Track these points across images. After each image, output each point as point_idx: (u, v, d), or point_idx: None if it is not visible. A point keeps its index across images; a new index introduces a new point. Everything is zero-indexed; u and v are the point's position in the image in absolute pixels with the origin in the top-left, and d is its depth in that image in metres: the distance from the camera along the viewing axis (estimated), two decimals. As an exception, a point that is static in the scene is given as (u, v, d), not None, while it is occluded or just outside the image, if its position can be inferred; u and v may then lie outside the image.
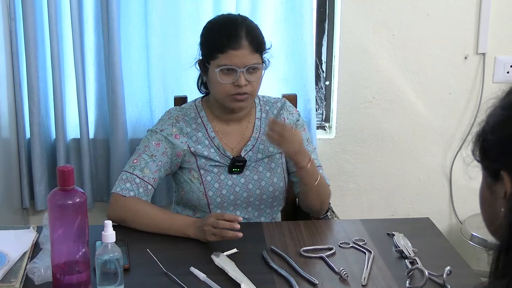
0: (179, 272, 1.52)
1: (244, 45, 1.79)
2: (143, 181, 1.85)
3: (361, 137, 2.67)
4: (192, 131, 1.92)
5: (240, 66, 1.80)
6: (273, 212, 2.01)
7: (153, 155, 1.88)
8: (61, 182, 1.36)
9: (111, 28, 2.32)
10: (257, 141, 1.96)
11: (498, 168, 0.90)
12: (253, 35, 1.82)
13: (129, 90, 2.46)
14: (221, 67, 1.80)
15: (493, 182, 0.92)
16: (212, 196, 1.90)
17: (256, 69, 1.83)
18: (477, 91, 2.64)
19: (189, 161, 1.91)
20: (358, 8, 2.53)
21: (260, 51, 1.84)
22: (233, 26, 1.82)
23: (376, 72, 2.60)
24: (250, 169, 1.94)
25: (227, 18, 1.89)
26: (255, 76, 1.83)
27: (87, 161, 2.46)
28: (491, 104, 0.93)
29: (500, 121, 0.91)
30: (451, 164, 2.71)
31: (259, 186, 1.94)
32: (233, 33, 1.80)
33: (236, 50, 1.79)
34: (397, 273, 1.55)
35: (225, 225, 1.64)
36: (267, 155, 1.96)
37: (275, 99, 2.05)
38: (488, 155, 0.92)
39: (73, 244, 1.38)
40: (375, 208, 2.75)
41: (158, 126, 1.93)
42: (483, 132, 0.93)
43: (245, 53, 1.80)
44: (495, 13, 2.56)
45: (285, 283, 1.50)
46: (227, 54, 1.79)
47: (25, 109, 2.43)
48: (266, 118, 1.98)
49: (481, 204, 0.97)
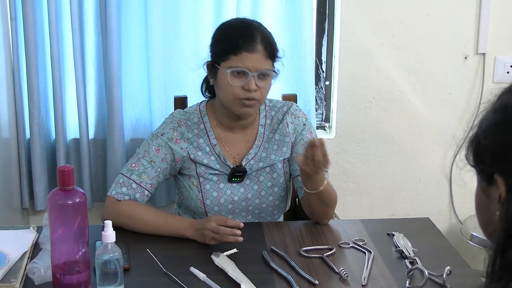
0: (179, 272, 1.52)
1: (259, 49, 1.76)
2: (140, 187, 1.82)
3: (361, 137, 2.67)
4: (193, 137, 1.88)
5: (252, 70, 1.76)
6: (274, 220, 1.97)
7: (152, 160, 1.84)
8: (61, 182, 1.35)
9: (109, 28, 2.32)
10: (259, 149, 1.91)
11: (492, 172, 0.90)
12: (268, 41, 1.80)
13: (129, 90, 2.46)
14: (233, 68, 1.76)
15: (487, 186, 0.92)
16: (209, 205, 1.88)
17: (267, 76, 1.79)
18: (477, 91, 2.64)
19: (188, 168, 1.88)
20: (358, 8, 2.53)
21: (273, 58, 1.81)
22: (249, 29, 1.79)
23: (376, 72, 2.60)
24: (250, 178, 1.90)
25: (242, 21, 1.86)
26: (265, 83, 1.80)
27: (86, 161, 2.46)
28: (484, 109, 0.93)
29: (492, 125, 0.91)
30: (451, 164, 2.71)
31: (259, 195, 1.91)
32: (249, 35, 1.77)
33: (251, 53, 1.75)
34: (397, 273, 1.55)
35: (226, 231, 1.63)
36: (268, 164, 1.91)
37: (282, 103, 1.99)
38: (482, 159, 0.92)
39: (73, 244, 1.38)
40: (375, 208, 2.75)
41: (160, 129, 1.89)
42: (476, 137, 0.93)
43: (258, 58, 1.76)
44: (495, 13, 2.56)
45: (285, 283, 1.50)
46: (240, 56, 1.76)
47: (25, 110, 2.43)
48: (270, 125, 1.94)
49: (476, 208, 0.98)
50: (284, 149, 1.92)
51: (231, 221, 1.66)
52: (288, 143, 1.93)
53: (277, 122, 1.94)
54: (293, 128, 1.94)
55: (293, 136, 1.93)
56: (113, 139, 2.42)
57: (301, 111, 1.99)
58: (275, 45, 1.83)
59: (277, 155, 1.92)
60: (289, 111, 1.95)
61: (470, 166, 0.95)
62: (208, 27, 2.39)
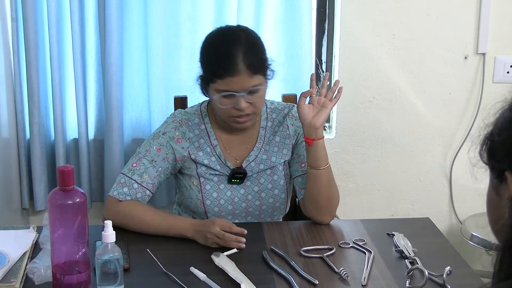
0: (179, 272, 1.52)
1: (241, 70, 1.70)
2: (141, 187, 1.81)
3: (361, 137, 2.67)
4: (194, 137, 1.88)
5: (239, 90, 1.73)
6: (273, 221, 1.98)
7: (154, 160, 1.84)
8: (61, 182, 1.36)
9: (109, 29, 2.32)
10: (260, 152, 1.91)
11: (503, 169, 0.90)
12: (251, 56, 1.73)
13: (129, 90, 2.46)
14: (221, 93, 1.74)
15: (498, 184, 0.92)
16: (209, 205, 1.88)
17: (257, 90, 1.76)
18: (477, 91, 2.64)
19: (189, 168, 1.88)
20: (358, 8, 2.53)
21: (261, 71, 1.76)
22: (230, 50, 1.72)
23: (376, 72, 2.60)
24: (251, 180, 1.90)
25: (223, 38, 1.78)
26: (257, 96, 1.76)
27: (86, 161, 2.46)
28: (500, 107, 0.93)
29: (507, 122, 0.91)
30: (451, 164, 2.71)
31: (259, 197, 1.91)
32: (230, 59, 1.70)
33: (234, 77, 1.71)
34: (397, 273, 1.55)
35: (231, 239, 1.64)
36: (269, 166, 1.91)
37: (283, 105, 1.97)
38: (494, 156, 0.92)
39: (73, 244, 1.38)
40: (375, 208, 2.75)
41: (162, 128, 1.89)
42: (491, 135, 0.93)
43: (243, 78, 1.71)
44: (495, 13, 2.56)
45: (285, 283, 1.50)
46: (225, 80, 1.72)
47: (25, 110, 2.43)
48: (271, 127, 1.93)
49: (487, 205, 0.98)
50: (284, 151, 1.92)
51: (236, 228, 1.66)
52: (289, 145, 1.93)
53: (278, 124, 1.94)
54: (293, 130, 1.93)
55: (294, 138, 1.93)
56: (112, 139, 2.42)
57: None
58: (260, 56, 1.78)
59: (278, 157, 1.92)
60: (290, 113, 1.94)
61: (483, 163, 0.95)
62: (208, 27, 2.38)
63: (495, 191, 0.93)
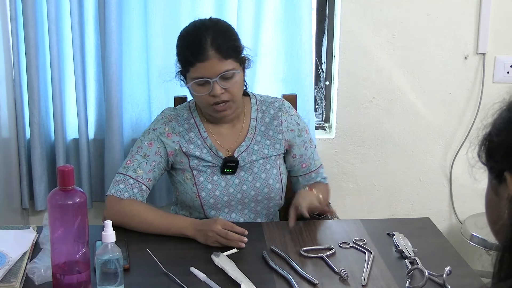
0: (179, 272, 1.52)
1: (210, 55, 1.74)
2: (137, 182, 1.83)
3: (361, 137, 2.67)
4: (184, 131, 1.91)
5: (211, 76, 1.75)
6: (269, 214, 2.00)
7: (146, 155, 1.87)
8: (61, 182, 1.36)
9: (109, 28, 2.32)
10: (251, 142, 1.93)
11: (502, 170, 0.90)
12: (220, 41, 1.75)
13: (129, 90, 2.46)
14: (195, 80, 1.78)
15: (497, 184, 0.92)
16: (205, 197, 1.89)
17: (231, 75, 1.78)
18: (477, 91, 2.64)
19: (181, 161, 1.90)
20: (358, 8, 2.53)
21: (232, 55, 1.78)
22: (197, 37, 1.76)
23: (376, 72, 2.60)
24: (244, 170, 1.92)
25: (192, 28, 1.82)
26: (232, 82, 1.79)
27: (86, 161, 2.46)
28: (498, 108, 0.93)
29: (505, 123, 0.91)
30: (451, 164, 2.71)
31: (254, 187, 1.92)
32: (197, 45, 1.75)
33: (204, 62, 1.74)
34: (397, 273, 1.55)
35: (234, 238, 1.65)
36: (262, 157, 1.93)
37: (273, 99, 2.01)
38: (493, 157, 0.92)
39: (73, 244, 1.38)
40: (375, 208, 2.75)
41: (152, 125, 1.93)
42: (489, 135, 0.93)
43: (213, 63, 1.75)
44: (495, 13, 2.56)
45: (285, 283, 1.50)
46: (196, 67, 1.76)
47: (25, 110, 2.43)
48: (262, 118, 1.96)
49: (486, 206, 0.98)
50: (277, 145, 1.95)
51: (238, 227, 1.67)
52: (282, 140, 1.96)
53: (269, 116, 1.96)
54: (286, 126, 1.96)
55: (287, 133, 1.96)
56: (112, 139, 2.42)
57: (292, 108, 2.03)
58: (231, 42, 1.80)
59: (270, 150, 1.95)
60: (283, 108, 1.98)
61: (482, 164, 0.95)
62: (208, 27, 2.38)
63: (494, 192, 0.94)
